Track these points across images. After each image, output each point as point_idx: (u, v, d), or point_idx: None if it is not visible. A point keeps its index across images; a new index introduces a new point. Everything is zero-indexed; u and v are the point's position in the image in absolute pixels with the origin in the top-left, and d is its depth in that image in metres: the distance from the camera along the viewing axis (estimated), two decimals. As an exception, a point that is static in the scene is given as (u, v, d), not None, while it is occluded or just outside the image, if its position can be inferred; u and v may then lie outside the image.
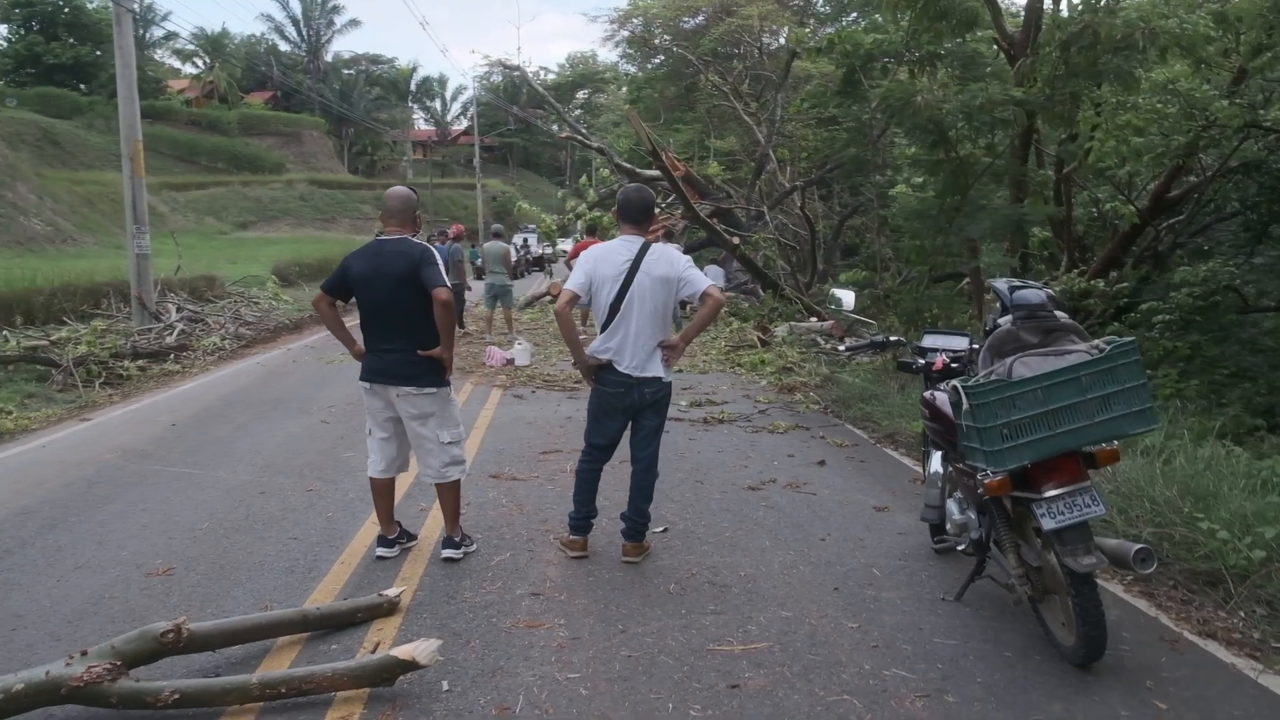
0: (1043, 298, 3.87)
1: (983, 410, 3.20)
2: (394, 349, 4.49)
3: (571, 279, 4.50)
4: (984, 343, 3.54)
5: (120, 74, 15.13)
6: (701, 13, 29.26)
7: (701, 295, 4.47)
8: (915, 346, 4.63)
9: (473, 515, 5.47)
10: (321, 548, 4.89)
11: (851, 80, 8.52)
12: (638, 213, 4.55)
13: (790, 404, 9.16)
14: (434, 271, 4.40)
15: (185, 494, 5.96)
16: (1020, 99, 7.63)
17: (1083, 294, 9.34)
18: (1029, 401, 3.19)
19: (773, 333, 13.22)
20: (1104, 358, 3.21)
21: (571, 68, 67.04)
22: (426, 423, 4.55)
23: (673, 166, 19.97)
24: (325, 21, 64.14)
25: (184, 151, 53.76)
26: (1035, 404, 3.19)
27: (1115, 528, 4.66)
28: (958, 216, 7.75)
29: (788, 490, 6.05)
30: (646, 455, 4.67)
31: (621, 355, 4.49)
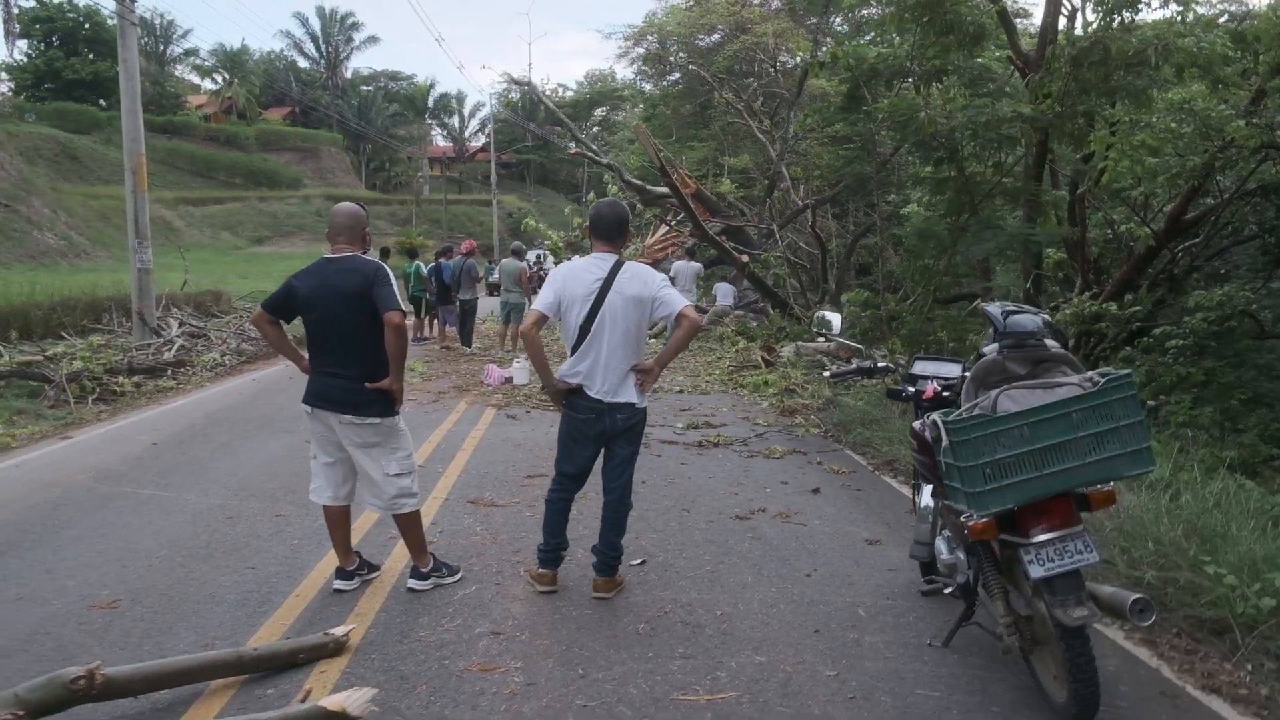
0: (1037, 324, 3.62)
1: (964, 448, 2.94)
2: (338, 373, 4.26)
3: (539, 298, 4.27)
4: (969, 373, 3.28)
5: (124, 87, 15.10)
6: (718, 30, 29.19)
7: (677, 317, 4.23)
8: (905, 373, 4.37)
9: (444, 544, 5.23)
10: (279, 579, 4.66)
11: (855, 96, 8.29)
12: (610, 228, 4.32)
13: (790, 427, 8.89)
14: (387, 292, 4.17)
15: (150, 518, 5.75)
16: (1029, 115, 7.38)
17: (1094, 317, 9.05)
18: (1014, 439, 2.93)
19: (778, 353, 12.95)
20: (1097, 392, 2.95)
21: (590, 85, 67.15)
22: (370, 452, 4.32)
23: (683, 184, 19.81)
24: (344, 38, 64.59)
25: (202, 167, 54.14)
26: (1021, 442, 2.93)
27: (1117, 569, 4.37)
28: (964, 236, 7.49)
29: (777, 520, 5.78)
30: (619, 485, 4.42)
31: (592, 379, 4.26)
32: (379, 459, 4.33)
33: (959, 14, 7.42)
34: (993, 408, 2.99)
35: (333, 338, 4.27)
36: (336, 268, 4.26)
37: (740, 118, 24.54)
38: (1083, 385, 2.99)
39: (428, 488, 6.47)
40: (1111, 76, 7.03)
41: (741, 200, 25.19)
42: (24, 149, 43.28)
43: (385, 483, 4.34)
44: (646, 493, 6.41)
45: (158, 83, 57.72)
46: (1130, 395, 2.95)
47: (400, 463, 4.37)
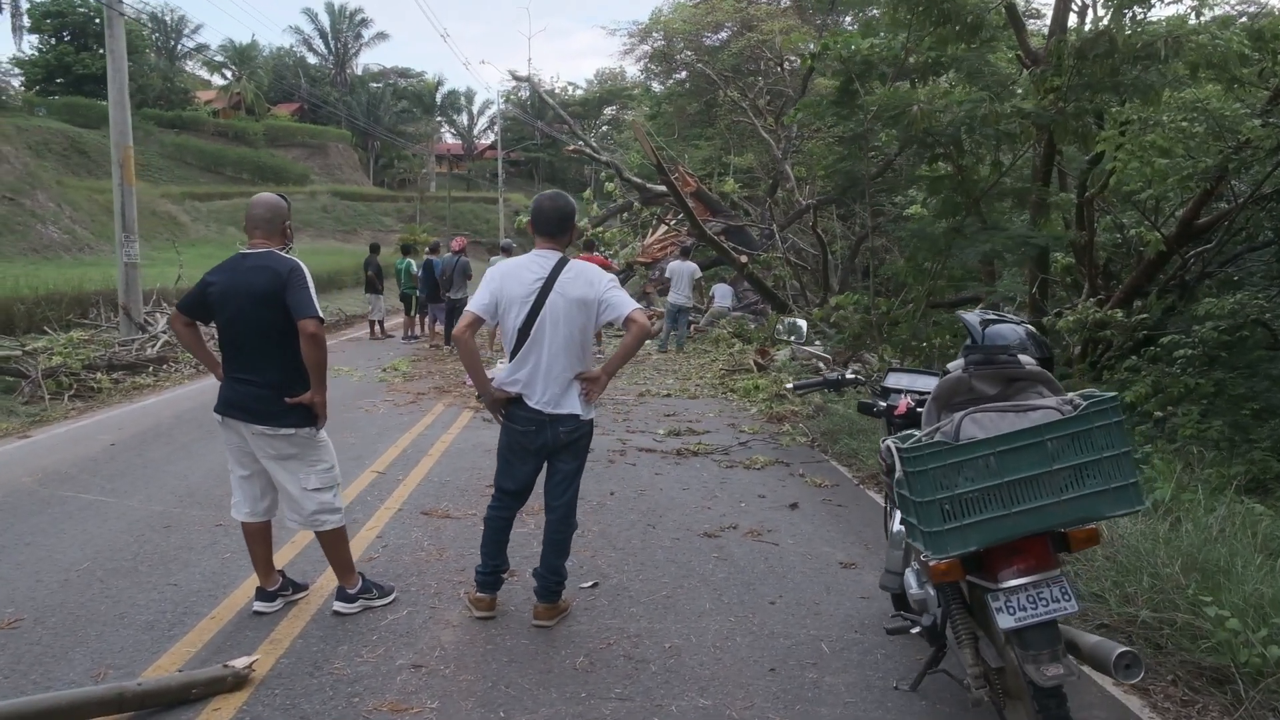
0: (1019, 335, 3.24)
1: (920, 479, 2.55)
2: (249, 379, 3.90)
3: (474, 299, 3.91)
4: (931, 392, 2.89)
5: (111, 78, 14.81)
6: (725, 27, 28.78)
7: (625, 320, 3.86)
8: (878, 386, 3.98)
9: (384, 560, 4.88)
10: (199, 598, 4.31)
11: (848, 90, 7.90)
12: (551, 223, 3.95)
13: (777, 435, 8.50)
14: (303, 297, 3.79)
15: (83, 526, 5.41)
16: (1029, 111, 6.97)
17: (1099, 324, 8.63)
18: (979, 471, 2.54)
19: (772, 356, 12.56)
20: (1077, 417, 2.56)
21: (599, 84, 66.74)
22: (286, 465, 3.96)
23: (684, 182, 19.45)
24: (353, 35, 64.35)
25: (209, 162, 54.02)
26: (987, 474, 2.54)
27: (1108, 604, 3.98)
28: (959, 238, 7.09)
29: (748, 539, 5.40)
30: (561, 504, 4.05)
31: (532, 388, 3.89)
32: (296, 472, 3.97)
33: (958, 2, 7.03)
34: (955, 433, 2.60)
35: (242, 341, 3.91)
36: (249, 264, 3.90)
37: (745, 116, 24.15)
38: (1061, 409, 2.60)
39: (383, 496, 6.14)
40: (1119, 70, 6.61)
41: (746, 200, 24.78)
42: (33, 143, 43.23)
43: (304, 498, 3.98)
44: (613, 506, 6.05)
45: (167, 78, 57.65)
46: (1116, 422, 2.56)
47: (320, 476, 4.01)
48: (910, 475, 2.56)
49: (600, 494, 6.33)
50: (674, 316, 15.24)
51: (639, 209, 19.60)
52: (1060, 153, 10.17)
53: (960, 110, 6.93)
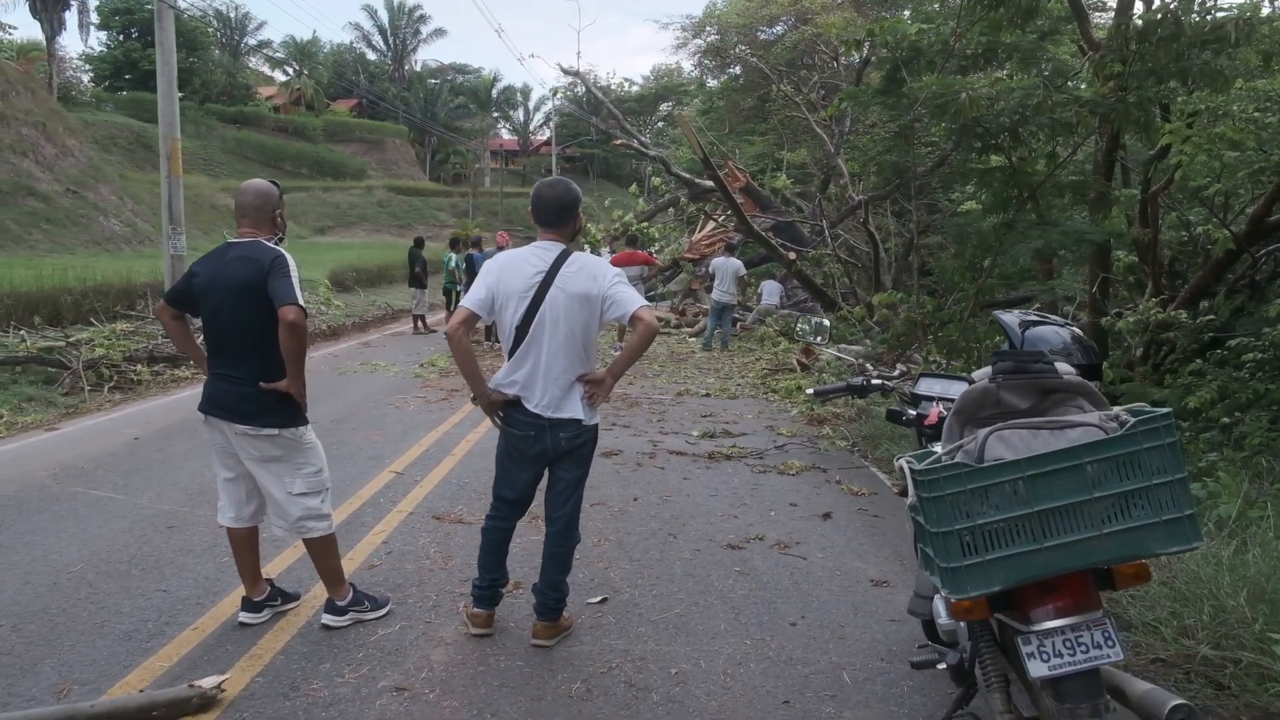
0: (1063, 339, 2.88)
1: (936, 506, 2.21)
2: (232, 375, 3.68)
3: (470, 293, 3.63)
4: (953, 404, 2.54)
5: (160, 71, 14.89)
6: (780, 21, 28.30)
7: (631, 318, 3.56)
8: (906, 393, 3.63)
9: (386, 568, 4.65)
10: (186, 606, 4.11)
11: (895, 78, 7.48)
12: (552, 212, 3.66)
13: (816, 438, 8.14)
14: (285, 284, 3.56)
15: (86, 525, 5.27)
16: (1087, 99, 6.50)
17: (1162, 326, 8.11)
18: (1005, 498, 2.19)
19: (817, 356, 12.17)
20: (1123, 436, 2.19)
21: (655, 80, 66.43)
22: (270, 468, 3.73)
23: (733, 177, 19.07)
24: (411, 31, 64.91)
25: (270, 157, 54.85)
26: (1015, 502, 2.19)
27: (1162, 636, 3.58)
28: (1009, 234, 6.65)
29: (774, 551, 5.07)
30: (562, 515, 3.76)
31: (530, 390, 3.61)
32: (281, 476, 3.74)
33: (1011, -17, 6.60)
34: (979, 453, 2.25)
35: (225, 335, 3.70)
36: (234, 254, 3.69)
37: (799, 111, 23.66)
38: (1104, 426, 2.23)
39: (397, 499, 5.93)
40: (1185, 55, 6.12)
41: (799, 196, 24.30)
42: (99, 137, 44.32)
43: (289, 503, 3.76)
44: (635, 513, 5.76)
45: (231, 74, 58.68)
46: (1169, 443, 2.18)
47: (307, 480, 3.78)
48: (925, 501, 2.22)
49: (624, 499, 6.05)
50: (718, 314, 14.89)
51: (685, 204, 19.24)
52: (1124, 146, 9.62)
53: (1012, 98, 6.49)
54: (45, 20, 42.72)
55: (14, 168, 31.67)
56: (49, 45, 45.23)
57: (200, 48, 57.21)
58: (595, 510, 5.77)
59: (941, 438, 2.54)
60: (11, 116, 32.95)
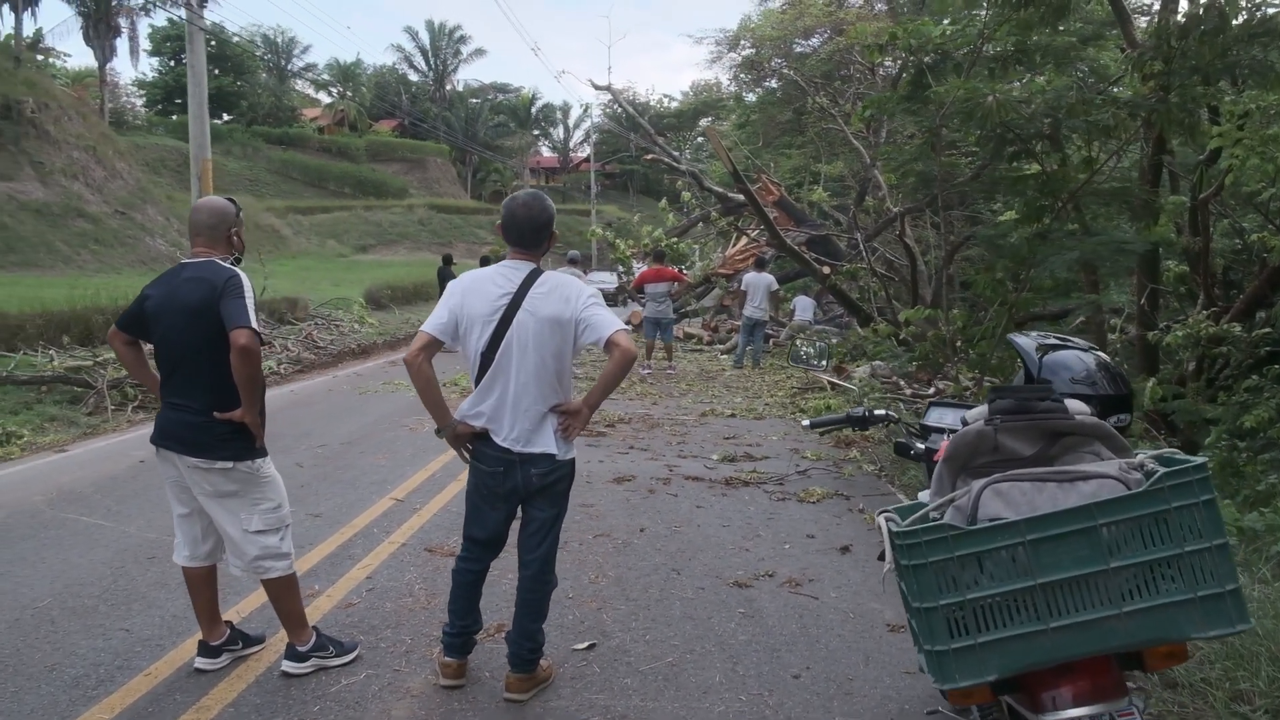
0: (1086, 366, 2.53)
1: (918, 576, 1.86)
2: (184, 404, 3.44)
3: (431, 317, 3.35)
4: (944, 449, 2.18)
5: (191, 93, 14.98)
6: (816, 33, 27.92)
7: (606, 343, 3.25)
8: (913, 424, 3.28)
9: (364, 607, 4.37)
10: (145, 647, 3.87)
11: (919, 83, 7.11)
12: (525, 232, 3.37)
13: (842, 462, 7.75)
14: (238, 306, 3.31)
15: (67, 554, 5.08)
16: (1126, 100, 6.08)
17: (1214, 340, 7.62)
18: (1003, 566, 1.83)
19: (850, 373, 11.75)
20: (1147, 493, 1.82)
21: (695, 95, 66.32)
22: (225, 504, 3.47)
23: (767, 191, 18.74)
24: (452, 51, 65.58)
25: (313, 177, 55.66)
26: (1015, 572, 1.82)
27: (1213, 702, 3.16)
28: (1042, 245, 6.23)
29: (784, 590, 4.71)
30: (536, 558, 3.45)
31: (498, 422, 3.32)
32: (237, 512, 3.49)
33: (1041, -19, 6.22)
34: (971, 510, 1.90)
35: (176, 361, 3.46)
36: (186, 275, 3.44)
37: (835, 123, 23.25)
38: (1124, 478, 1.86)
39: (390, 528, 5.67)
40: (1231, 50, 5.68)
41: (836, 209, 23.85)
42: (149, 160, 45.28)
43: (245, 541, 3.49)
44: (639, 545, 5.43)
45: (276, 96, 59.69)
46: (1205, 500, 1.80)
47: (264, 517, 3.52)
48: (905, 570, 1.87)
49: (630, 530, 5.73)
50: (749, 331, 14.53)
51: (716, 219, 18.93)
52: (1171, 151, 9.13)
53: (1042, 100, 6.09)
54: (97, 47, 43.75)
55: (64, 190, 32.33)
56: (100, 71, 46.26)
57: (247, 71, 58.32)
58: (598, 542, 5.47)
59: (930, 488, 2.19)
60: (63, 141, 33.68)
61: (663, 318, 13.79)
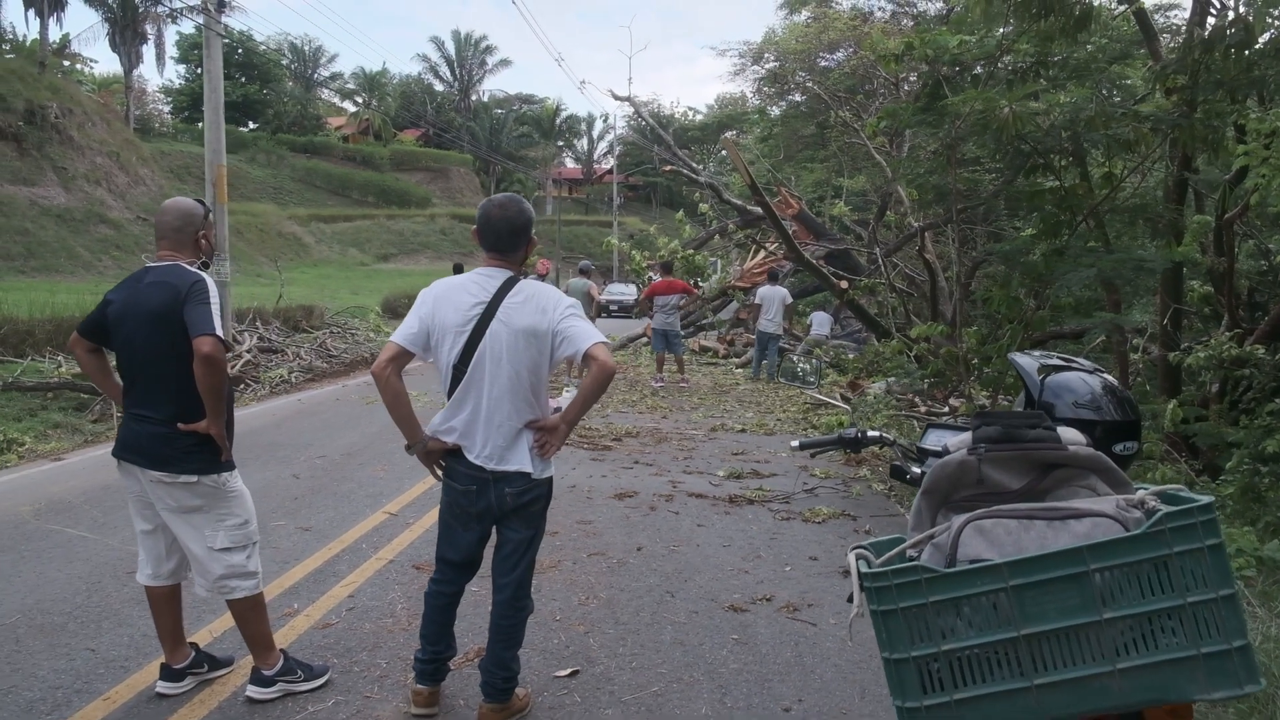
0: (1091, 390, 2.34)
1: (888, 624, 1.68)
2: (146, 415, 3.29)
3: (401, 327, 3.19)
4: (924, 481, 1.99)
5: (207, 98, 14.97)
6: (840, 47, 27.75)
7: (584, 357, 3.07)
8: (908, 447, 3.08)
9: (343, 627, 4.21)
10: (109, 668, 3.72)
11: (935, 94, 6.91)
12: (502, 236, 3.21)
13: (851, 480, 7.54)
14: (202, 312, 3.17)
15: (45, 569, 4.95)
16: (1148, 114, 5.86)
17: (1238, 362, 7.35)
18: (984, 614, 1.63)
19: (864, 389, 11.52)
20: (1145, 535, 1.62)
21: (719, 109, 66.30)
22: (190, 520, 3.33)
23: (786, 204, 18.52)
24: (477, 61, 65.90)
25: (337, 185, 56.00)
26: (996, 621, 1.62)
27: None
28: (1059, 262, 6.00)
29: (781, 615, 4.52)
30: (510, 582, 3.27)
31: (470, 438, 3.15)
32: (201, 529, 3.34)
33: (1063, -11, 6.01)
34: (950, 550, 1.71)
35: (138, 369, 3.31)
36: (149, 279, 3.30)
37: (858, 137, 23.04)
38: (1120, 517, 1.66)
39: (380, 544, 5.51)
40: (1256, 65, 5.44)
41: (858, 224, 23.62)
42: (174, 167, 45.67)
43: (209, 559, 3.34)
44: (635, 565, 5.25)
45: (302, 105, 60.17)
46: (1213, 545, 1.59)
47: (230, 534, 3.37)
48: (875, 615, 1.69)
49: (626, 549, 5.55)
50: (763, 344, 14.35)
51: (734, 232, 18.76)
52: (1195, 169, 8.88)
53: (1061, 113, 5.87)
54: (123, 54, 44.20)
55: (87, 195, 32.61)
56: (126, 78, 46.76)
57: (274, 80, 58.82)
58: (592, 561, 5.29)
59: (909, 522, 2.00)
60: (86, 146, 34.01)
61: (671, 330, 13.70)
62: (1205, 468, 7.72)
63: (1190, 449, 7.83)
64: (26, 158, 30.58)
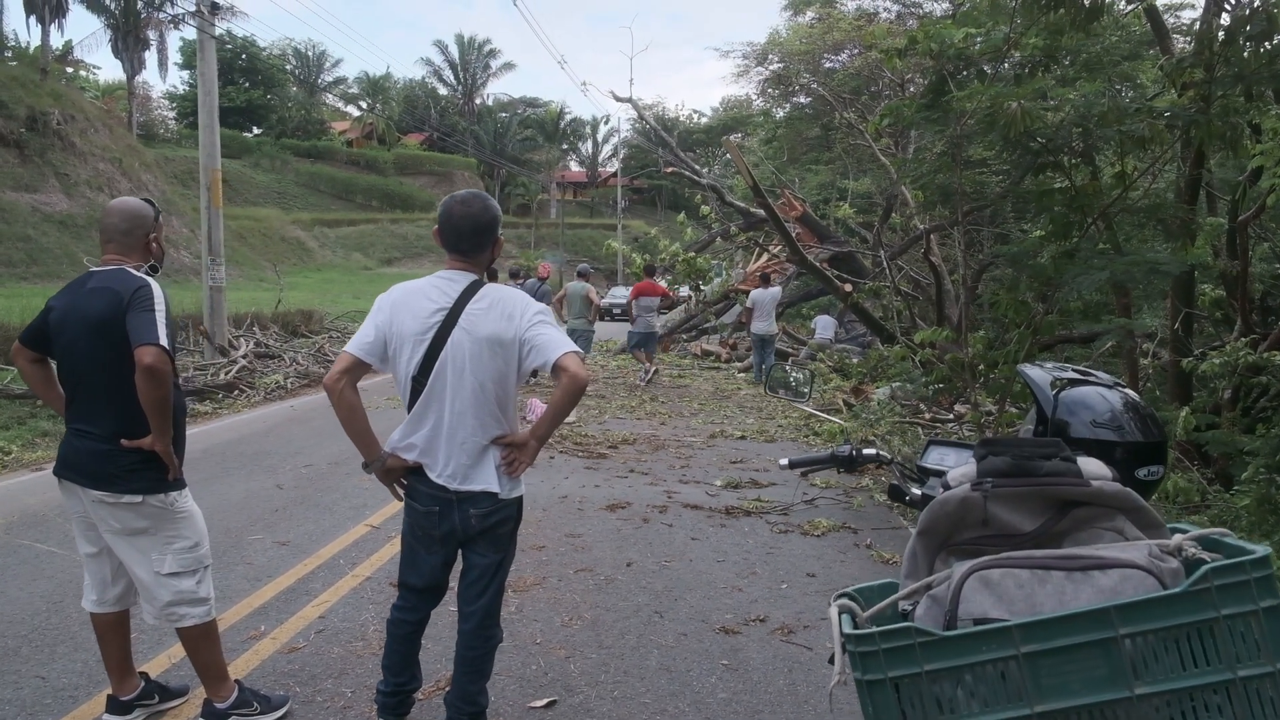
0: (1110, 406, 2.11)
1: (873, 696, 1.43)
2: (87, 430, 3.06)
3: (356, 335, 2.96)
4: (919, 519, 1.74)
5: (202, 102, 14.79)
6: (845, 49, 27.52)
7: (554, 368, 2.84)
8: (907, 466, 2.84)
9: (309, 652, 3.98)
10: (57, 698, 3.50)
11: (939, 90, 6.67)
12: (465, 236, 2.97)
13: (853, 490, 7.29)
14: (145, 320, 2.93)
15: (5, 586, 4.74)
16: (1164, 109, 5.62)
17: (1252, 368, 7.08)
18: (991, 686, 1.38)
19: (868, 395, 11.27)
20: (1186, 593, 1.36)
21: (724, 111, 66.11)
22: (135, 543, 3.10)
23: (790, 207, 18.29)
24: (481, 65, 65.82)
25: (341, 190, 55.98)
26: (1004, 695, 1.37)
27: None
28: (1069, 264, 5.75)
29: (774, 637, 4.27)
30: (476, 611, 3.03)
31: (432, 456, 2.92)
32: (148, 552, 3.11)
33: (1071, -17, 5.78)
34: (950, 605, 1.46)
35: (79, 380, 3.09)
36: (91, 285, 3.08)
37: (863, 139, 22.79)
38: (1155, 568, 1.41)
39: (358, 560, 5.28)
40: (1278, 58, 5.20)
41: (863, 226, 23.38)
42: (178, 172, 45.57)
43: (156, 585, 3.11)
44: (623, 582, 5.01)
45: (306, 110, 60.13)
46: (1269, 607, 1.33)
47: (179, 557, 3.14)
48: (861, 685, 1.45)
49: (615, 565, 5.31)
50: (760, 347, 14.24)
51: (736, 234, 18.53)
52: (1209, 169, 8.61)
53: (1071, 108, 5.62)
54: (126, 60, 44.14)
55: (89, 202, 32.46)
56: (129, 84, 46.70)
57: (278, 85, 58.80)
58: (579, 579, 5.06)
59: (902, 567, 1.74)
60: (89, 153, 33.91)
61: (649, 330, 14.41)
62: (1217, 476, 7.47)
63: (1202, 457, 7.57)
64: (29, 164, 30.48)
